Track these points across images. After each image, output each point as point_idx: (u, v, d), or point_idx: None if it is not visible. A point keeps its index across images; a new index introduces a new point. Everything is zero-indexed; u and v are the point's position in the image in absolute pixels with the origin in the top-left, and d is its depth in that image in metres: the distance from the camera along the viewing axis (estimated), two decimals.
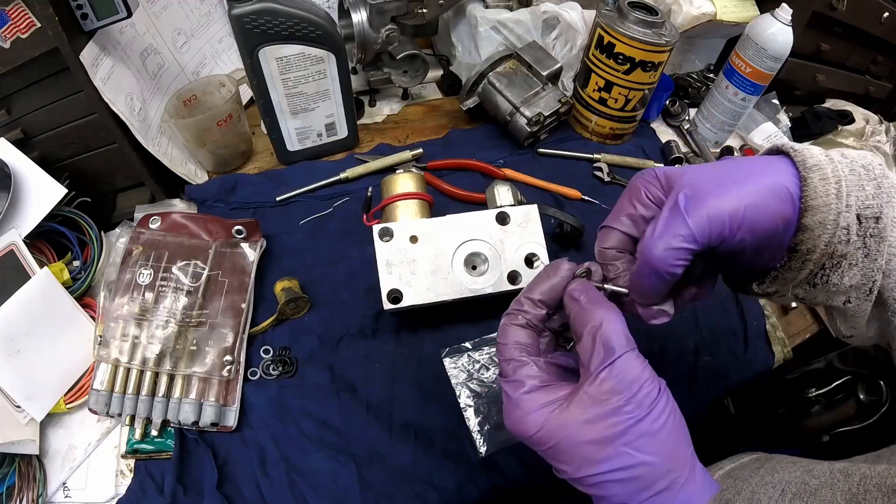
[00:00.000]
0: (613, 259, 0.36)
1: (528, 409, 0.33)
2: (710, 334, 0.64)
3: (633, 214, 0.35)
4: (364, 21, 0.75)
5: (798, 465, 0.43)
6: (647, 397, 0.30)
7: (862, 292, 0.34)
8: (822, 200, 0.30)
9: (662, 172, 0.34)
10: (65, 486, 0.52)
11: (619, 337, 0.32)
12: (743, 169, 0.32)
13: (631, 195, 0.35)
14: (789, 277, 0.34)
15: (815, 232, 0.31)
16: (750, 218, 0.30)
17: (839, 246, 0.31)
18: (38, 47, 0.53)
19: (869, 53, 0.96)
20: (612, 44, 0.73)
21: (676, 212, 0.31)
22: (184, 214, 0.63)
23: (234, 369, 0.56)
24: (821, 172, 0.30)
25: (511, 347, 0.35)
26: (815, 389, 0.83)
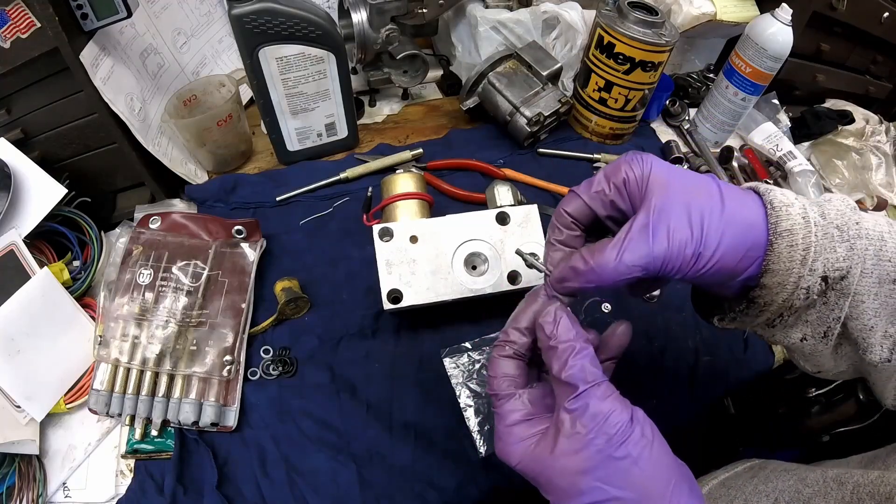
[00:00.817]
0: (566, 226, 0.36)
1: (510, 441, 0.34)
2: (710, 334, 0.64)
3: (603, 194, 0.34)
4: (364, 21, 0.75)
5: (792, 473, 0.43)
6: (616, 430, 0.30)
7: (817, 333, 0.34)
8: (784, 266, 0.31)
9: (649, 172, 0.33)
10: (65, 486, 0.52)
11: (582, 372, 0.31)
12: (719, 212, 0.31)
13: (610, 175, 0.34)
14: (747, 321, 0.35)
15: (774, 290, 0.32)
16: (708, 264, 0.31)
17: (797, 302, 0.32)
18: (38, 47, 0.53)
19: (869, 53, 0.96)
20: (612, 44, 0.73)
21: (643, 235, 0.31)
22: (184, 214, 0.63)
23: (234, 369, 0.56)
24: (790, 238, 0.31)
25: (499, 380, 0.36)
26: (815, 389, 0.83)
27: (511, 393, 0.35)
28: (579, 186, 0.36)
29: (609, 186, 0.34)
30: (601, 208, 0.34)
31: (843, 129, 0.90)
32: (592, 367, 0.32)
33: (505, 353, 0.36)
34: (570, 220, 0.36)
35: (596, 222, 0.36)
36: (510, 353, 0.36)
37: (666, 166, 0.33)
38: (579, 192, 0.35)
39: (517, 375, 0.36)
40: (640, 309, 0.65)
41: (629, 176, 0.33)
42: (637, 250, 0.31)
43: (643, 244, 0.30)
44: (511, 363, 0.36)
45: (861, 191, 0.86)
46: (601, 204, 0.34)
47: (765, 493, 0.42)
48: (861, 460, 0.44)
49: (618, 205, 0.34)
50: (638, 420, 0.31)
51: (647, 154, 0.34)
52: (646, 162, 0.33)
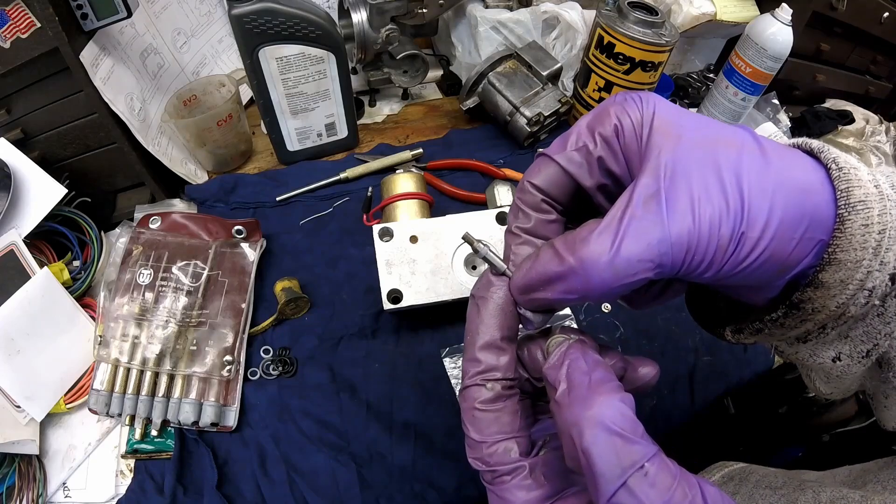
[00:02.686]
0: (533, 207, 0.25)
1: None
2: (710, 334, 0.64)
3: (586, 152, 0.23)
4: (364, 21, 0.75)
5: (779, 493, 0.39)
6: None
7: (857, 353, 0.25)
8: (854, 255, 0.20)
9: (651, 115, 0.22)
10: (65, 486, 0.52)
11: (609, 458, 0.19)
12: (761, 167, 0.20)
13: (595, 124, 0.23)
14: (777, 333, 0.25)
15: (832, 291, 0.21)
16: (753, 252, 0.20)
17: (853, 308, 0.22)
18: (38, 47, 0.53)
19: (869, 53, 0.96)
20: (612, 44, 0.73)
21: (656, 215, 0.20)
22: (184, 214, 0.63)
23: (234, 369, 0.56)
24: (865, 214, 0.20)
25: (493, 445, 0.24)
26: None
27: (513, 465, 0.23)
28: (550, 147, 0.24)
29: (594, 140, 0.23)
30: (585, 174, 0.23)
31: (843, 129, 0.90)
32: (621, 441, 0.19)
33: (486, 396, 0.24)
34: (540, 198, 0.24)
35: (577, 198, 0.25)
36: (497, 393, 0.24)
37: (675, 108, 0.22)
38: (551, 153, 0.24)
39: (517, 429, 0.24)
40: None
41: (622, 122, 0.22)
42: (644, 234, 0.20)
43: (654, 223, 0.20)
44: (502, 411, 0.24)
45: None
46: (585, 168, 0.23)
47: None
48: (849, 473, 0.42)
49: (608, 166, 0.23)
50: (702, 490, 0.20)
51: (644, 92, 0.23)
52: (646, 102, 0.22)
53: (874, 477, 0.37)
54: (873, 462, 0.40)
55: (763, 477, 0.43)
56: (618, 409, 0.20)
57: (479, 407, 0.24)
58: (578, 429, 0.20)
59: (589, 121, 0.23)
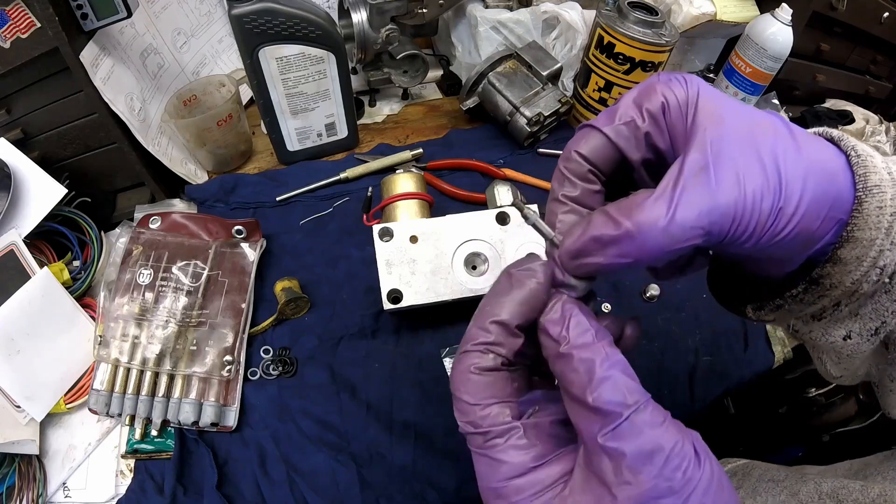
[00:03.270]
0: (580, 176, 0.25)
1: (515, 500, 0.23)
2: (710, 334, 0.64)
3: (634, 126, 0.24)
4: (364, 21, 0.75)
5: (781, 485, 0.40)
6: (677, 472, 0.21)
7: (867, 330, 0.27)
8: (869, 234, 0.23)
9: (696, 95, 0.23)
10: (65, 486, 0.52)
11: (617, 391, 0.21)
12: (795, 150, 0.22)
13: (642, 99, 0.24)
14: (796, 310, 0.27)
15: (848, 267, 0.24)
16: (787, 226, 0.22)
17: (866, 285, 0.24)
18: (38, 47, 0.53)
19: (869, 53, 0.96)
20: (612, 44, 0.73)
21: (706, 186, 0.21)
22: (184, 214, 0.63)
23: (234, 369, 0.56)
24: (879, 198, 0.23)
25: (485, 408, 0.24)
26: (815, 389, 0.83)
27: (507, 426, 0.24)
28: (597, 118, 0.25)
29: (642, 115, 0.24)
30: (632, 148, 0.24)
31: (843, 129, 0.90)
32: (630, 381, 0.22)
33: (485, 363, 0.25)
34: (587, 168, 0.25)
35: (618, 171, 0.26)
36: (493, 365, 0.25)
37: (716, 92, 0.24)
38: (599, 125, 0.25)
39: (508, 396, 0.25)
40: (640, 309, 0.65)
41: (668, 100, 0.23)
42: (696, 203, 0.21)
43: (704, 193, 0.21)
44: (497, 379, 0.25)
45: None
46: (632, 141, 0.24)
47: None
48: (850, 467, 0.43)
49: (654, 141, 0.24)
50: (701, 451, 0.22)
51: (687, 74, 0.24)
52: (690, 83, 0.24)
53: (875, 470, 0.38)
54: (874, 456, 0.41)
55: (766, 471, 0.44)
56: (618, 357, 0.23)
57: (475, 371, 0.25)
58: (590, 370, 0.22)
59: (635, 97, 0.24)
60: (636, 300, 0.66)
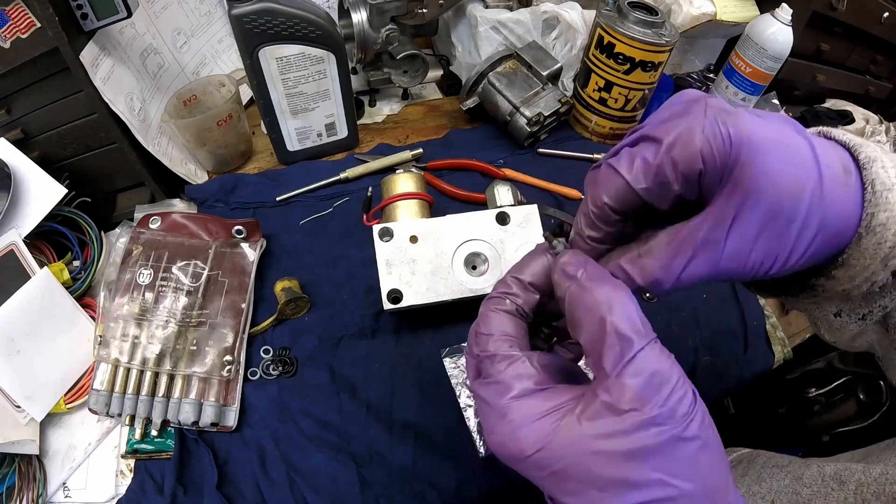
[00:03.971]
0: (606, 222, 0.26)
1: (521, 420, 0.25)
2: (710, 334, 0.64)
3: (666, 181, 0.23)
4: (364, 21, 0.75)
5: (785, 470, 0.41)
6: (680, 405, 0.23)
7: (855, 314, 0.29)
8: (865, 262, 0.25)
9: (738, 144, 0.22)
10: (65, 486, 0.52)
11: (635, 323, 0.24)
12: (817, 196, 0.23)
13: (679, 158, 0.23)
14: (790, 300, 0.31)
15: (841, 283, 0.26)
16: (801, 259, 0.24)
17: (856, 292, 0.27)
18: (38, 47, 0.53)
19: (869, 53, 0.96)
20: (612, 44, 0.73)
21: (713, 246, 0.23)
22: (184, 214, 0.63)
23: (234, 369, 0.56)
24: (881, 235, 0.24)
25: (497, 339, 0.27)
26: (815, 389, 0.83)
27: (515, 354, 0.27)
28: (627, 163, 0.24)
29: (677, 177, 0.23)
30: (662, 202, 0.24)
31: (844, 129, 0.90)
32: (644, 318, 0.24)
33: (504, 307, 0.28)
34: (615, 218, 0.26)
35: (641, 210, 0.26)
36: (511, 309, 0.28)
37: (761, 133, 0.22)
38: (632, 182, 0.24)
39: (519, 337, 0.28)
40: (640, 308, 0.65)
41: (707, 162, 0.22)
42: (705, 262, 0.24)
43: (713, 254, 0.23)
44: (511, 321, 0.28)
45: None
46: (664, 199, 0.24)
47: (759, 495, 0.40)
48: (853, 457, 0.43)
49: (685, 198, 0.24)
50: (698, 395, 0.24)
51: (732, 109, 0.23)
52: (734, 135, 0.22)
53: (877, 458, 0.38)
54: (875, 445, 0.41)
55: (770, 458, 0.45)
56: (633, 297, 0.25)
57: (493, 309, 0.29)
58: (609, 302, 0.24)
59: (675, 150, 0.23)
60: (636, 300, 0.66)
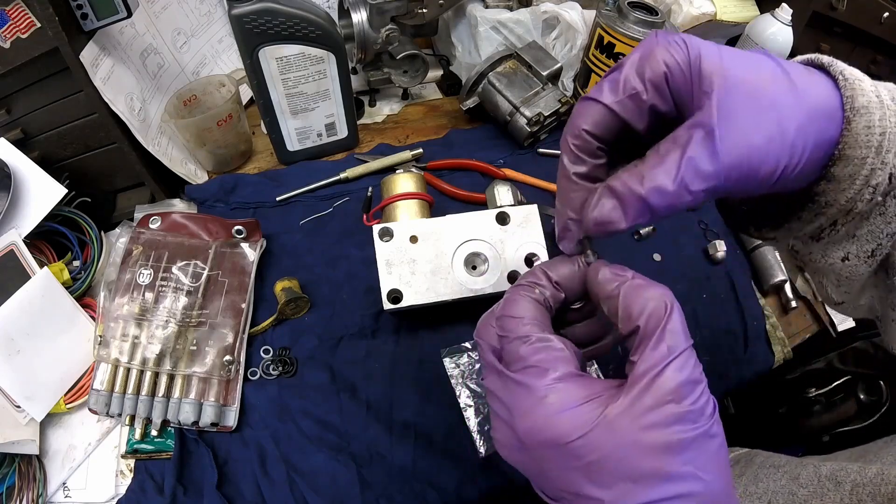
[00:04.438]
0: (589, 153, 0.27)
1: (562, 404, 0.24)
2: (710, 334, 0.64)
3: (640, 99, 0.25)
4: (364, 21, 0.75)
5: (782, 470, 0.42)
6: (707, 405, 0.24)
7: (864, 252, 0.29)
8: (860, 152, 0.25)
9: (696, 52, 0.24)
10: (65, 486, 0.52)
11: (683, 324, 0.25)
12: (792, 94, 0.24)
13: (644, 67, 0.24)
14: (795, 227, 0.29)
15: (842, 185, 0.26)
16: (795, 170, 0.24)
17: (860, 204, 0.26)
18: (38, 47, 0.53)
19: (869, 53, 0.96)
20: (612, 44, 0.73)
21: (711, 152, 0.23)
22: (184, 214, 0.63)
23: (234, 369, 0.56)
24: (867, 118, 0.24)
25: (528, 322, 0.27)
26: (815, 389, 0.83)
27: (549, 338, 0.26)
28: (598, 89, 0.26)
29: (645, 86, 0.24)
30: (637, 119, 0.25)
31: None
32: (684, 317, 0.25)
33: (534, 294, 0.28)
34: (596, 146, 0.26)
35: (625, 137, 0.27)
36: (539, 298, 0.28)
37: (715, 48, 0.24)
38: (601, 97, 0.25)
39: (546, 324, 0.28)
40: None
41: (671, 66, 0.24)
42: (702, 169, 0.23)
43: (708, 159, 0.23)
44: (540, 308, 0.28)
45: None
46: (638, 112, 0.25)
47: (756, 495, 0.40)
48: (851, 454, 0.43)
49: (659, 109, 0.25)
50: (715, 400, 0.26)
51: (686, 35, 0.25)
52: (691, 44, 0.24)
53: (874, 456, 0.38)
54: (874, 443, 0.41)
55: (767, 458, 0.46)
56: None
57: (522, 294, 0.28)
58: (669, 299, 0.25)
59: (637, 65, 0.25)
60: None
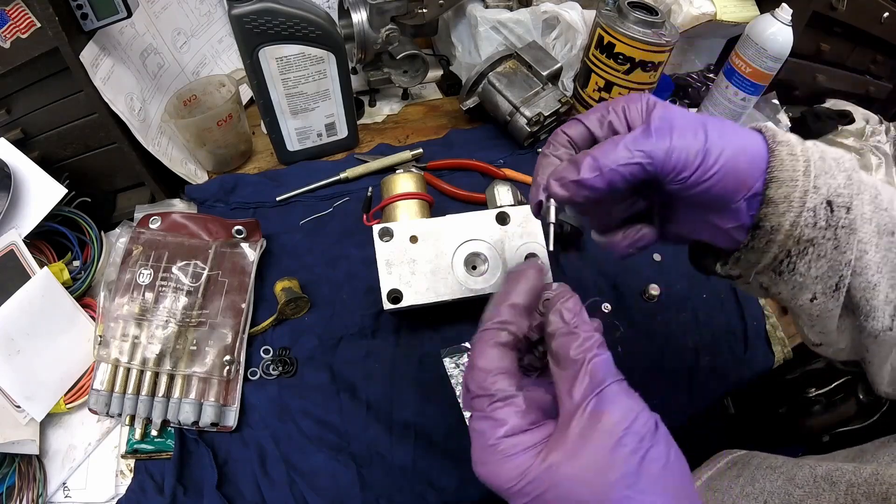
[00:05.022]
0: (562, 144, 0.35)
1: (509, 453, 0.28)
2: (710, 334, 0.64)
3: (603, 118, 0.34)
4: (364, 21, 0.75)
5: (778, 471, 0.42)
6: (645, 429, 0.26)
7: (829, 287, 0.32)
8: (788, 174, 0.30)
9: (651, 101, 0.33)
10: (65, 486, 0.52)
11: (609, 365, 0.28)
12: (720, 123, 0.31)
13: (613, 104, 0.34)
14: (753, 259, 0.33)
15: (780, 207, 0.30)
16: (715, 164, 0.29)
17: (806, 229, 0.30)
18: (38, 47, 0.53)
19: (869, 53, 0.96)
20: (612, 44, 0.73)
21: (647, 132, 0.30)
22: (184, 214, 0.63)
23: (234, 369, 0.56)
24: (789, 148, 0.30)
25: (495, 376, 0.29)
26: (815, 389, 0.83)
27: (511, 394, 0.29)
28: (580, 115, 0.36)
29: (608, 111, 0.34)
30: (598, 128, 0.34)
31: (843, 129, 0.90)
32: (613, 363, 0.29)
33: (501, 339, 0.30)
34: (567, 140, 0.35)
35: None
36: (507, 341, 0.30)
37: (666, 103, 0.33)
38: (580, 117, 0.35)
39: (513, 371, 0.30)
40: (640, 309, 0.65)
41: (629, 106, 0.33)
42: (639, 140, 0.30)
43: (645, 137, 0.30)
44: (507, 355, 0.30)
45: None
46: (600, 126, 0.34)
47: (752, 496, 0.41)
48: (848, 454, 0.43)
49: (616, 127, 0.33)
50: (661, 424, 0.28)
51: (645, 93, 0.34)
52: (644, 97, 0.33)
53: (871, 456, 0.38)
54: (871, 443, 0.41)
55: (764, 459, 0.46)
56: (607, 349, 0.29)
57: (492, 344, 0.30)
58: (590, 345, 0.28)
59: (606, 103, 0.35)
60: (636, 300, 0.66)
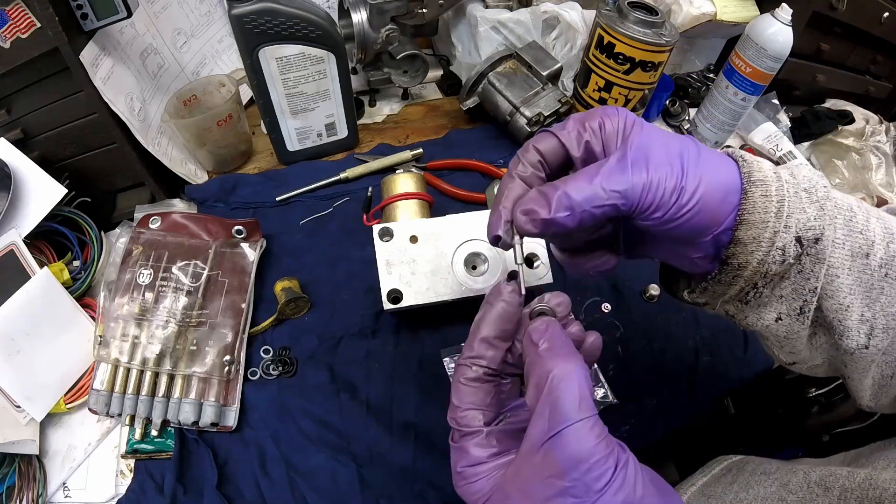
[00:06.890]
0: (531, 163, 0.33)
1: (470, 480, 0.30)
2: (710, 334, 0.64)
3: (580, 134, 0.32)
4: (364, 21, 0.75)
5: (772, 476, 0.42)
6: (597, 480, 0.25)
7: (793, 310, 0.32)
8: (759, 217, 0.29)
9: (627, 119, 0.31)
10: (65, 486, 0.52)
11: (572, 400, 0.26)
12: (696, 152, 0.30)
13: (588, 119, 0.32)
14: (719, 291, 0.33)
15: (749, 247, 0.30)
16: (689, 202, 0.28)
17: (773, 266, 0.30)
18: (38, 47, 0.53)
19: (869, 53, 0.96)
20: (612, 44, 0.73)
21: (622, 164, 0.29)
22: (184, 214, 0.63)
23: (234, 369, 0.56)
24: (763, 188, 0.29)
25: (464, 412, 0.31)
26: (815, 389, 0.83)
27: (477, 430, 0.31)
28: (553, 127, 0.33)
29: (584, 128, 0.32)
30: (574, 147, 0.32)
31: (843, 129, 0.90)
32: (585, 395, 0.27)
33: (472, 375, 0.31)
34: (538, 158, 0.33)
35: (562, 167, 0.33)
36: (479, 376, 0.31)
37: (642, 120, 0.32)
38: (553, 130, 0.33)
39: (487, 405, 0.31)
40: (640, 309, 0.65)
41: (605, 123, 0.31)
42: (614, 178, 0.28)
43: (621, 173, 0.28)
44: (480, 389, 0.31)
45: (861, 191, 0.86)
46: (575, 143, 0.32)
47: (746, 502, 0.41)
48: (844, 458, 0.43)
49: (592, 147, 0.31)
50: (627, 463, 0.26)
51: (622, 108, 0.32)
52: (621, 113, 0.31)
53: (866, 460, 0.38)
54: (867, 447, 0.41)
55: (759, 465, 0.46)
56: (584, 372, 0.28)
57: (463, 381, 0.32)
58: (558, 376, 0.27)
59: (580, 116, 0.32)
60: (636, 300, 0.66)
